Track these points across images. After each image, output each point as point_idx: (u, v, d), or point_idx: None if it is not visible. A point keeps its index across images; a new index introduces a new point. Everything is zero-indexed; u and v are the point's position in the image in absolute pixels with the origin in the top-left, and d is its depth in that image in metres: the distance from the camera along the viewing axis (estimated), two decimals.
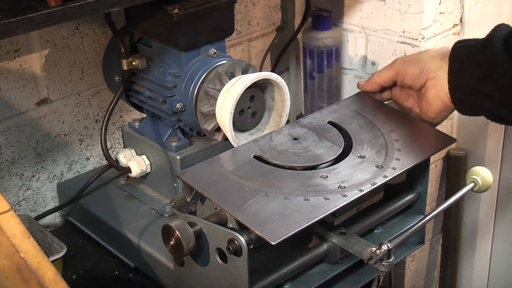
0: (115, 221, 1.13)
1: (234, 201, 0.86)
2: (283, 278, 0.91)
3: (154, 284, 1.08)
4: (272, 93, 1.06)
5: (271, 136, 1.02)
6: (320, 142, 1.00)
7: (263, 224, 0.82)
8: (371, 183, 0.91)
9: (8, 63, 1.13)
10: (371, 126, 1.04)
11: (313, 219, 0.84)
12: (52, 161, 1.24)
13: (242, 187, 0.89)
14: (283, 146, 0.99)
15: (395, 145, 0.99)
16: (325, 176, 0.92)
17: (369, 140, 1.01)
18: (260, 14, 1.47)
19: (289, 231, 0.81)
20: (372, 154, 0.97)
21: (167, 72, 1.07)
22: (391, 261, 0.89)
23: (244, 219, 0.83)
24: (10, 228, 0.75)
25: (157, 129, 1.14)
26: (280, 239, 0.80)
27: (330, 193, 0.89)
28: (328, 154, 0.97)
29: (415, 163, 0.96)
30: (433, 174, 1.53)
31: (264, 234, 0.81)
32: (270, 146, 0.99)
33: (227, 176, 0.91)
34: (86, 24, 1.21)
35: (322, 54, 1.42)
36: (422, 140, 1.04)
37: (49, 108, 1.21)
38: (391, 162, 0.95)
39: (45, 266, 0.72)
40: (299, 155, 0.97)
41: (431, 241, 1.64)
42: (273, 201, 0.87)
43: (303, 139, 1.01)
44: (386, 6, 1.37)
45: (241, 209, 0.85)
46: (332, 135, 1.02)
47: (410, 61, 1.07)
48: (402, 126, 1.05)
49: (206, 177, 0.91)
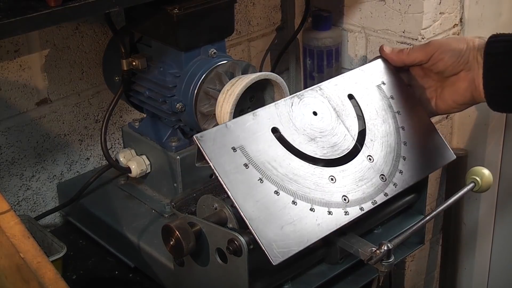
0: (115, 221, 1.13)
1: (242, 191, 0.84)
2: (283, 278, 0.91)
3: (154, 284, 1.08)
4: (272, 93, 1.06)
5: (292, 103, 0.96)
6: (337, 126, 0.97)
7: (266, 233, 0.83)
8: (372, 201, 0.92)
9: (8, 63, 1.13)
10: (386, 114, 1.01)
11: (314, 239, 0.85)
12: (52, 161, 1.24)
13: (253, 176, 0.86)
14: (302, 121, 0.95)
15: (402, 151, 0.98)
16: (333, 179, 0.91)
17: (381, 136, 0.99)
18: (260, 14, 1.47)
19: (290, 252, 0.83)
20: (379, 158, 0.96)
21: (167, 72, 1.07)
22: (391, 261, 0.89)
23: (246, 216, 0.83)
24: (10, 228, 0.75)
25: (157, 129, 1.14)
26: (281, 260, 0.81)
27: (334, 206, 0.89)
28: (342, 145, 0.96)
29: (414, 181, 0.97)
30: (433, 174, 1.53)
31: (267, 251, 0.82)
32: (289, 116, 0.95)
33: (240, 154, 0.87)
34: (86, 24, 1.21)
35: (322, 54, 1.42)
36: (427, 151, 1.02)
37: (49, 108, 1.21)
38: (394, 176, 0.95)
39: (45, 266, 0.72)
40: (314, 140, 0.94)
41: (431, 241, 1.64)
42: (279, 202, 0.86)
43: (322, 116, 0.97)
44: (386, 6, 1.37)
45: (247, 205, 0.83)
46: (349, 117, 0.99)
47: (447, 48, 1.02)
48: (413, 124, 1.02)
49: (221, 148, 0.87)
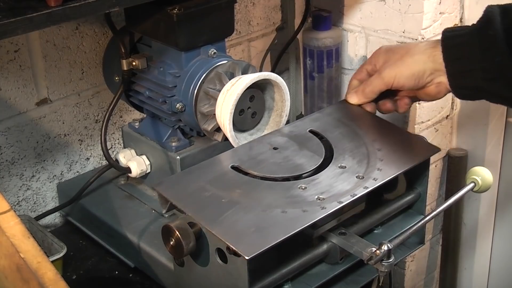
0: (115, 221, 1.13)
1: (209, 214, 0.85)
2: (283, 278, 0.91)
3: (154, 284, 1.08)
4: (272, 93, 1.06)
5: (250, 146, 1.00)
6: (301, 152, 0.98)
7: (238, 237, 0.81)
8: (351, 194, 0.89)
9: (8, 63, 1.13)
10: (354, 135, 1.02)
11: (290, 232, 0.82)
12: (52, 161, 1.24)
13: (218, 199, 0.87)
14: (263, 155, 0.97)
15: (377, 155, 0.97)
16: (304, 188, 0.90)
17: (351, 149, 0.98)
18: (260, 14, 1.47)
19: (265, 244, 0.80)
20: (353, 164, 0.95)
21: (167, 72, 1.07)
22: (391, 261, 0.89)
23: (219, 233, 0.82)
24: (10, 228, 0.75)
25: (157, 129, 1.14)
26: (254, 253, 0.79)
27: (309, 205, 0.87)
28: (308, 164, 0.95)
29: (397, 173, 0.95)
30: (433, 174, 1.53)
31: (239, 248, 0.80)
32: (249, 156, 0.97)
33: (203, 188, 0.90)
34: (86, 24, 1.21)
35: (322, 54, 1.42)
36: (406, 150, 1.01)
37: (49, 108, 1.21)
38: (372, 173, 0.93)
39: (45, 266, 0.72)
40: (278, 165, 0.95)
41: (431, 241, 1.64)
42: (249, 213, 0.85)
43: (284, 149, 0.99)
44: (386, 6, 1.37)
45: (217, 222, 0.84)
46: (313, 144, 1.00)
47: (401, 73, 1.02)
48: (386, 135, 1.02)
49: (182, 189, 0.90)
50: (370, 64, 1.08)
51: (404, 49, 1.04)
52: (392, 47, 1.07)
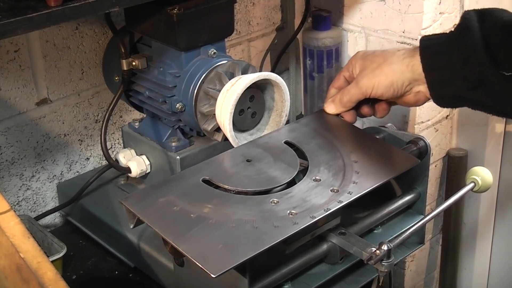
0: (115, 221, 1.13)
1: (177, 230, 0.82)
2: (283, 278, 0.91)
3: (154, 284, 1.07)
4: (272, 93, 1.06)
5: (223, 158, 0.97)
6: (275, 164, 0.95)
7: (205, 254, 0.79)
8: (324, 209, 0.86)
9: (8, 63, 1.13)
10: (330, 146, 0.99)
11: (260, 249, 0.79)
12: (52, 161, 1.24)
13: (187, 214, 0.85)
14: (235, 168, 0.95)
15: (353, 167, 0.95)
16: (276, 202, 0.88)
17: (326, 161, 0.96)
18: (260, 14, 1.47)
19: (233, 262, 0.77)
20: (328, 177, 0.93)
21: (167, 72, 1.07)
22: (391, 261, 0.89)
23: (185, 249, 0.80)
24: (10, 228, 0.75)
25: (157, 129, 1.14)
26: (221, 272, 0.77)
27: (280, 220, 0.84)
28: (282, 177, 0.93)
29: (373, 186, 0.91)
30: (433, 174, 1.53)
31: (205, 266, 0.77)
32: (221, 169, 0.95)
33: (172, 203, 0.87)
34: (86, 24, 1.21)
35: (322, 54, 1.42)
36: (383, 162, 0.98)
37: (49, 108, 1.21)
38: (348, 186, 0.91)
39: (45, 266, 0.72)
40: (251, 178, 0.92)
41: (431, 241, 1.64)
42: (218, 229, 0.83)
43: (257, 161, 0.96)
44: (386, 6, 1.37)
45: (184, 238, 0.81)
46: (288, 156, 0.97)
47: (379, 83, 1.00)
48: (363, 147, 1.00)
49: (150, 204, 0.87)
50: (348, 70, 1.06)
51: (382, 57, 1.02)
52: (369, 54, 1.05)
